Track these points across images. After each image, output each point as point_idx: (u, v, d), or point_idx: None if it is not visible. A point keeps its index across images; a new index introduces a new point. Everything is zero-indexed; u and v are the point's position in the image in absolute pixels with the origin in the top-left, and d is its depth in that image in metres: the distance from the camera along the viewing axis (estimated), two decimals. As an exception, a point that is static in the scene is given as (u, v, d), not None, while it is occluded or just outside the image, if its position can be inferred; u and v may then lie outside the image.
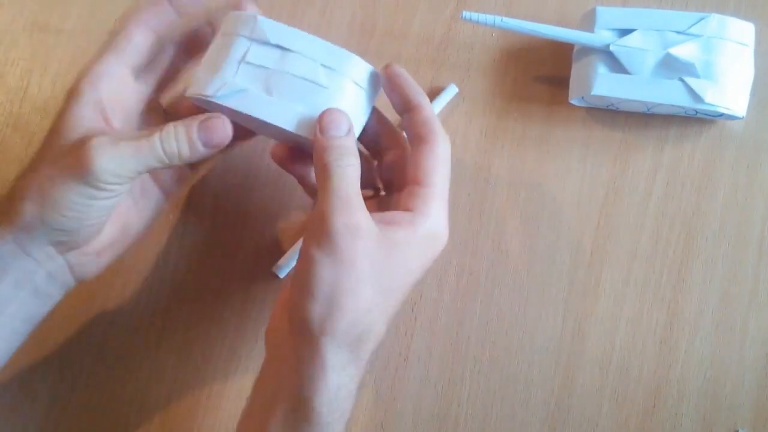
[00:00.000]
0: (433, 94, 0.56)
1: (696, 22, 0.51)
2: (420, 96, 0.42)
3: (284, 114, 0.39)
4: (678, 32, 0.51)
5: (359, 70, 0.41)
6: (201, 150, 0.39)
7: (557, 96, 0.56)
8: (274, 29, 0.40)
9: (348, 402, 0.39)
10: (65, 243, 0.41)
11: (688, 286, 0.53)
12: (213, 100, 0.39)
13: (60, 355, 0.54)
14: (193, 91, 0.40)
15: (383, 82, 0.42)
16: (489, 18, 0.51)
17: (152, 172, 0.46)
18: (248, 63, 0.39)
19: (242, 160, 0.55)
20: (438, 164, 0.41)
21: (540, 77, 0.57)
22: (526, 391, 0.52)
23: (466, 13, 0.51)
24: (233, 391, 0.52)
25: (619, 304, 0.53)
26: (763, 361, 0.51)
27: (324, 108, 0.39)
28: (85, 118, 0.39)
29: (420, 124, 0.41)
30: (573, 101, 0.55)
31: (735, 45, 0.51)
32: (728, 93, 0.51)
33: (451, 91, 0.56)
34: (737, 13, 0.55)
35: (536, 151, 0.55)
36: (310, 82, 0.40)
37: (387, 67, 0.41)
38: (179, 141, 0.39)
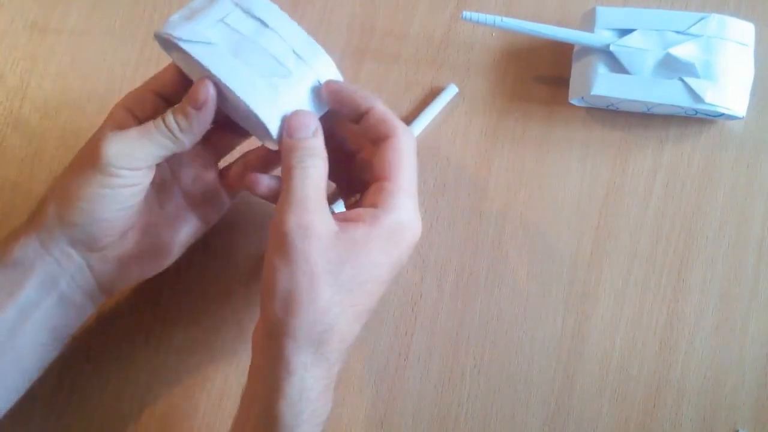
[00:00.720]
0: (433, 94, 0.56)
1: (696, 22, 0.51)
2: (369, 99, 0.42)
3: (242, 80, 0.39)
4: (678, 32, 0.52)
5: (326, 68, 0.41)
6: (193, 113, 0.39)
7: (557, 96, 0.56)
8: (261, 3, 0.40)
9: (318, 404, 0.38)
10: (83, 242, 0.41)
11: (688, 286, 0.53)
12: (179, 42, 0.39)
13: (60, 356, 0.54)
14: (162, 30, 0.40)
15: (329, 100, 0.42)
16: (489, 18, 0.51)
17: (186, 196, 0.47)
18: (226, 23, 0.40)
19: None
20: (401, 157, 0.41)
21: (540, 77, 0.57)
22: (526, 391, 0.52)
23: (466, 13, 0.51)
24: (233, 391, 0.52)
25: (619, 304, 0.53)
26: (763, 361, 0.51)
27: (283, 92, 0.39)
28: (109, 128, 0.41)
29: (377, 123, 0.41)
30: (573, 101, 0.55)
31: (735, 45, 0.51)
32: (728, 93, 0.51)
33: (451, 91, 0.56)
34: (737, 13, 0.55)
35: (536, 151, 0.55)
36: (278, 62, 0.40)
37: (326, 85, 0.41)
38: (176, 115, 0.40)
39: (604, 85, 0.52)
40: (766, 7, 0.56)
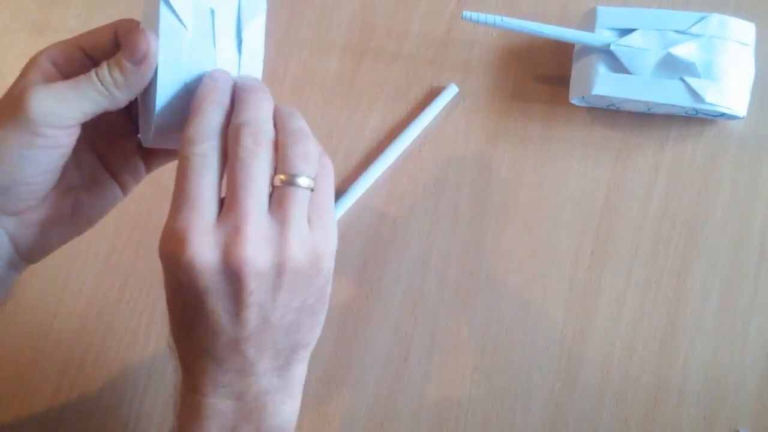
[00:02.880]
0: (433, 94, 0.56)
1: (697, 22, 0.51)
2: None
3: (170, 83, 0.36)
4: (679, 32, 0.51)
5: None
6: (131, 69, 0.35)
7: (558, 96, 0.56)
8: (255, 20, 0.39)
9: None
10: (1, 204, 0.38)
11: (688, 287, 0.53)
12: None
13: (60, 356, 0.54)
14: None
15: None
16: (489, 17, 0.51)
17: (102, 159, 0.43)
18: (212, 10, 0.37)
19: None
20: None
21: (540, 77, 0.57)
22: (526, 391, 0.52)
23: (467, 13, 0.51)
24: (233, 392, 0.52)
25: (620, 305, 0.53)
26: (763, 361, 0.51)
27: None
28: (32, 77, 0.37)
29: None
30: (573, 101, 0.55)
31: (736, 45, 0.51)
32: (729, 93, 0.51)
33: (451, 91, 0.56)
34: (738, 13, 0.55)
35: (536, 151, 0.55)
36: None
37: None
38: (111, 68, 0.36)
39: (605, 84, 0.52)
40: (766, 6, 0.56)
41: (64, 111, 0.35)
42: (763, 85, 0.54)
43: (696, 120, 0.55)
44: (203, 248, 0.31)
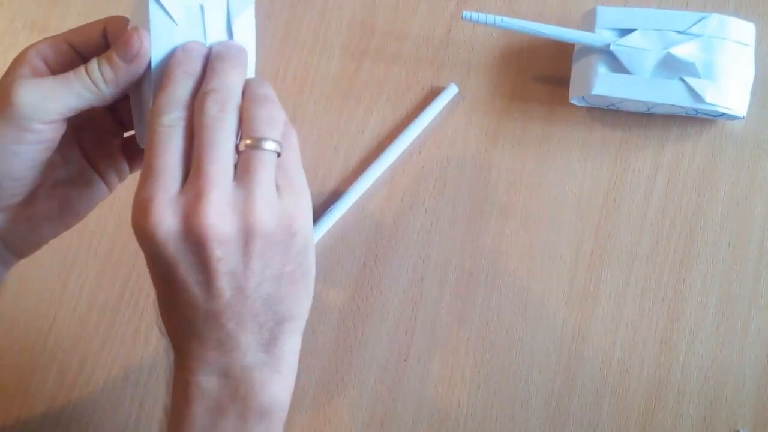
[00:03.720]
0: (433, 94, 0.56)
1: (696, 22, 0.51)
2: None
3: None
4: (678, 32, 0.51)
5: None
6: (122, 66, 0.35)
7: (557, 96, 0.56)
8: (243, 17, 0.38)
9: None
10: None
11: (688, 286, 0.53)
12: None
13: (60, 356, 0.54)
14: None
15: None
16: (489, 18, 0.51)
17: (87, 155, 0.43)
18: (201, 7, 0.36)
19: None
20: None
21: (540, 77, 0.57)
22: (526, 391, 0.52)
23: (467, 13, 0.51)
24: (233, 392, 0.52)
25: (620, 305, 0.53)
26: (763, 361, 0.51)
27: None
28: (21, 72, 0.37)
29: None
30: (573, 101, 0.55)
31: (735, 45, 0.51)
32: (729, 93, 0.51)
33: (451, 91, 0.56)
34: (738, 13, 0.55)
35: (536, 151, 0.55)
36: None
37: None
38: (101, 65, 0.36)
39: (605, 84, 0.52)
40: (766, 6, 0.56)
41: (51, 106, 0.35)
42: (763, 85, 0.54)
43: (696, 120, 0.55)
44: (164, 217, 0.31)
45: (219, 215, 0.31)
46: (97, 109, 0.39)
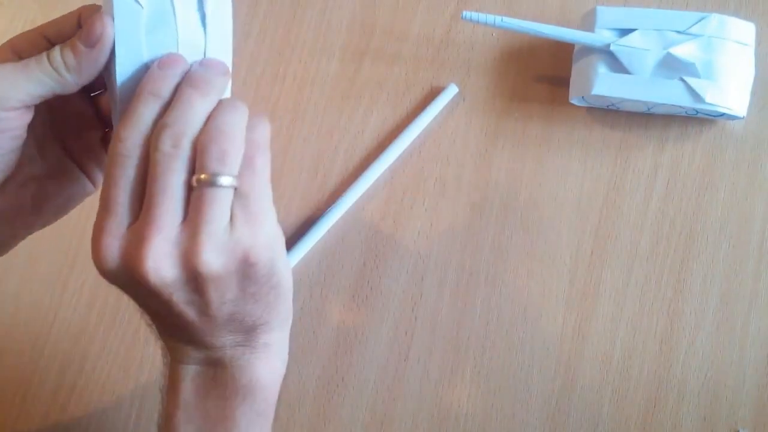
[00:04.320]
0: (433, 94, 0.56)
1: (696, 22, 0.51)
2: None
3: (129, 62, 0.35)
4: (678, 32, 0.51)
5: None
6: (84, 51, 0.35)
7: (557, 96, 0.56)
8: None
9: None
10: None
11: (688, 286, 0.53)
12: None
13: (60, 356, 0.54)
14: None
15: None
16: (489, 18, 0.51)
17: (68, 150, 0.42)
18: None
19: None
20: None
21: (540, 77, 0.57)
22: (526, 391, 0.52)
23: (467, 13, 0.51)
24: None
25: (620, 304, 0.53)
26: (763, 361, 0.51)
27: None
28: None
29: None
30: (573, 101, 0.55)
31: (735, 45, 0.51)
32: (729, 93, 0.51)
33: (451, 91, 0.56)
34: (738, 13, 0.55)
35: (536, 151, 0.55)
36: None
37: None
38: (63, 50, 0.35)
39: (605, 85, 0.52)
40: (766, 6, 0.56)
41: (10, 92, 0.34)
42: (763, 85, 0.54)
43: (696, 120, 0.55)
44: (108, 254, 0.32)
45: (158, 261, 0.31)
46: (76, 102, 0.38)
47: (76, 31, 0.37)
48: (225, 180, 0.32)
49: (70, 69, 0.35)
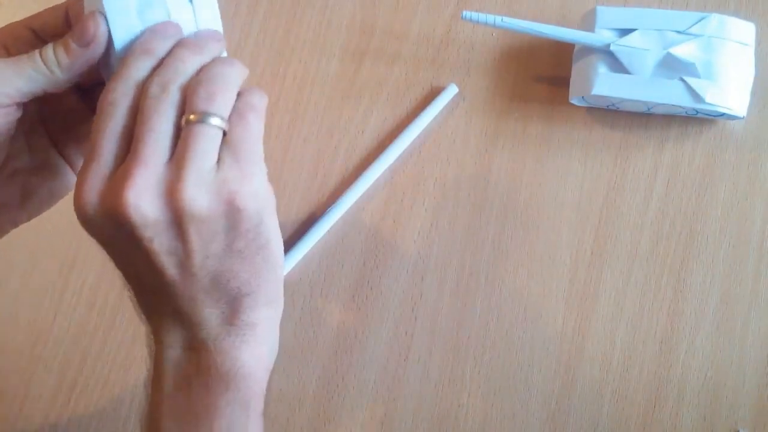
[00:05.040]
0: (433, 94, 0.56)
1: (696, 22, 0.51)
2: None
3: (125, 43, 0.35)
4: (678, 32, 0.51)
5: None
6: (77, 50, 0.35)
7: (557, 96, 0.56)
8: None
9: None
10: None
11: (688, 286, 0.53)
12: None
13: (60, 356, 0.54)
14: None
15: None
16: (489, 18, 0.51)
17: (56, 144, 0.42)
18: None
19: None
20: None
21: (540, 77, 0.57)
22: (526, 391, 0.52)
23: (467, 13, 0.51)
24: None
25: (620, 304, 0.53)
26: (763, 361, 0.51)
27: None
28: None
29: None
30: (573, 101, 0.55)
31: (735, 45, 0.51)
32: (729, 93, 0.51)
33: (451, 91, 0.56)
34: (738, 13, 0.55)
35: (536, 151, 0.55)
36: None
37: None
38: (56, 49, 0.35)
39: (605, 84, 0.52)
40: (766, 6, 0.56)
41: (1, 88, 0.34)
42: (763, 85, 0.54)
43: (696, 120, 0.55)
44: (89, 197, 0.31)
45: (139, 197, 0.30)
46: (67, 96, 0.38)
47: (62, 24, 0.37)
48: (214, 120, 0.31)
49: (63, 67, 0.35)
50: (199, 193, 0.30)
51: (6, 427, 0.52)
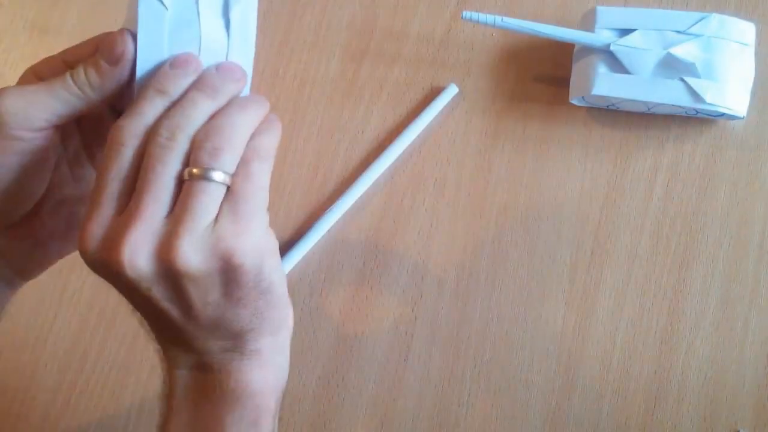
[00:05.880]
0: (433, 94, 0.56)
1: (696, 22, 0.51)
2: None
3: (149, 64, 0.34)
4: (678, 32, 0.51)
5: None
6: (106, 68, 0.34)
7: (557, 96, 0.56)
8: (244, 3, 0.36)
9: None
10: None
11: (688, 286, 0.53)
12: None
13: (60, 356, 0.54)
14: None
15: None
16: (489, 18, 0.51)
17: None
18: None
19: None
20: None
21: (540, 77, 0.57)
22: (526, 391, 0.52)
23: (467, 13, 0.51)
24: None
25: (620, 304, 0.53)
26: (763, 361, 0.51)
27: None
28: (11, 87, 0.35)
29: None
30: (573, 101, 0.55)
31: (736, 45, 0.51)
32: (729, 93, 0.51)
33: (451, 91, 0.56)
34: (738, 13, 0.55)
35: (536, 151, 0.55)
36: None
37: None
38: (86, 69, 0.35)
39: (605, 85, 0.52)
40: (766, 6, 0.56)
41: (35, 113, 0.34)
42: (763, 85, 0.54)
43: (696, 120, 0.55)
44: (91, 244, 0.31)
45: (134, 252, 0.30)
46: (107, 121, 0.38)
47: (94, 55, 0.37)
48: (217, 175, 0.31)
49: (94, 87, 0.35)
50: (193, 252, 0.30)
51: (6, 427, 0.52)
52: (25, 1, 0.60)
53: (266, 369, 0.35)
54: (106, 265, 0.30)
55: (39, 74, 0.37)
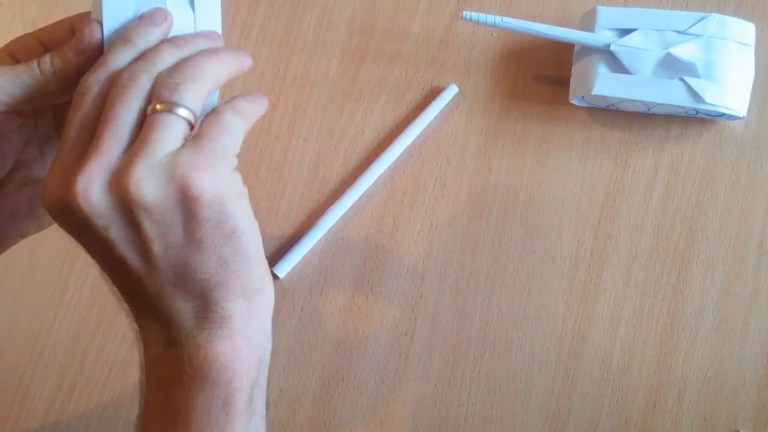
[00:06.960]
0: (433, 94, 0.56)
1: (696, 22, 0.51)
2: None
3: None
4: (678, 32, 0.51)
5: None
6: (72, 58, 0.34)
7: (557, 96, 0.56)
8: None
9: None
10: None
11: (688, 286, 0.53)
12: None
13: (60, 356, 0.54)
14: None
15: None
16: (489, 18, 0.51)
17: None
18: None
19: (242, 161, 0.55)
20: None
21: (540, 77, 0.57)
22: (526, 391, 0.52)
23: (467, 13, 0.51)
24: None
25: (620, 304, 0.53)
26: (763, 361, 0.51)
27: None
28: None
29: None
30: (573, 101, 0.55)
31: (736, 45, 0.51)
32: (729, 93, 0.51)
33: (451, 91, 0.56)
34: (738, 13, 0.55)
35: (536, 151, 0.55)
36: None
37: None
38: (53, 57, 0.35)
39: (605, 85, 0.52)
40: (766, 6, 0.56)
41: None
42: (763, 85, 0.54)
43: (696, 120, 0.55)
44: (52, 187, 0.30)
45: (87, 184, 0.29)
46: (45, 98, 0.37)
47: (69, 36, 0.37)
48: (180, 111, 0.30)
49: (57, 74, 0.35)
50: (146, 179, 0.29)
51: (6, 427, 0.52)
52: (25, 1, 0.60)
53: (238, 341, 0.32)
54: (63, 203, 0.30)
55: (13, 53, 0.37)
